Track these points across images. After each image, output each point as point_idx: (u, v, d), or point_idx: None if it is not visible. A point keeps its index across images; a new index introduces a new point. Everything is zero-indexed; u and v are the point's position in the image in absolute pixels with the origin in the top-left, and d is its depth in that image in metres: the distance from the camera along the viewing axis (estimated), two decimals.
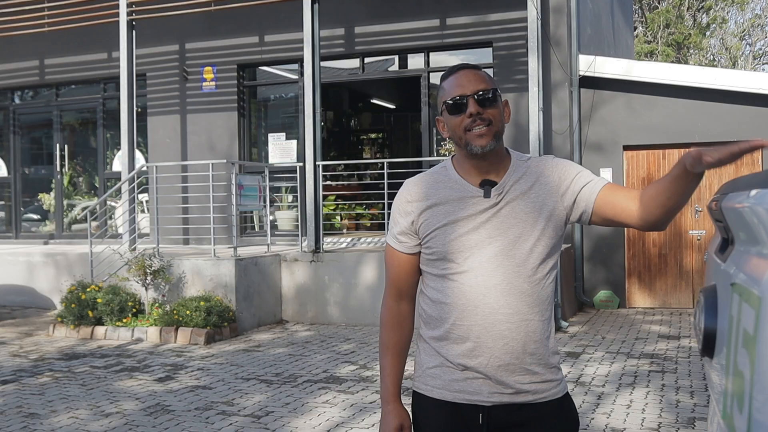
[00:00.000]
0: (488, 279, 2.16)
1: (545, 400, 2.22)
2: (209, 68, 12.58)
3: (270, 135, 12.59)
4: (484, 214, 2.19)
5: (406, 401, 2.30)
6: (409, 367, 2.88)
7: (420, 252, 2.29)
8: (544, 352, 2.21)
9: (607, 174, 10.98)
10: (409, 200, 2.29)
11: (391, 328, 2.37)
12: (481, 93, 2.18)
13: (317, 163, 10.23)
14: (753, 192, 1.56)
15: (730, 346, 1.56)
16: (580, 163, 10.89)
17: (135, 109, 11.25)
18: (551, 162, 2.28)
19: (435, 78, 11.76)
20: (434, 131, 11.54)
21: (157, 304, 9.42)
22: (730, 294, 1.61)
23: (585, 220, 2.24)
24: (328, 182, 13.17)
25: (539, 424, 2.21)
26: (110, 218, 12.56)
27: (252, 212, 12.05)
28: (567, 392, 2.30)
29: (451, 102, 2.19)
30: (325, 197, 11.34)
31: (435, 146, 11.71)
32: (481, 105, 2.17)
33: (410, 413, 2.35)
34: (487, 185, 2.21)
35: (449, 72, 2.27)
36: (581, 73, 10.85)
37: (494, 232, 2.18)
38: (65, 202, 13.89)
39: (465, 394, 2.20)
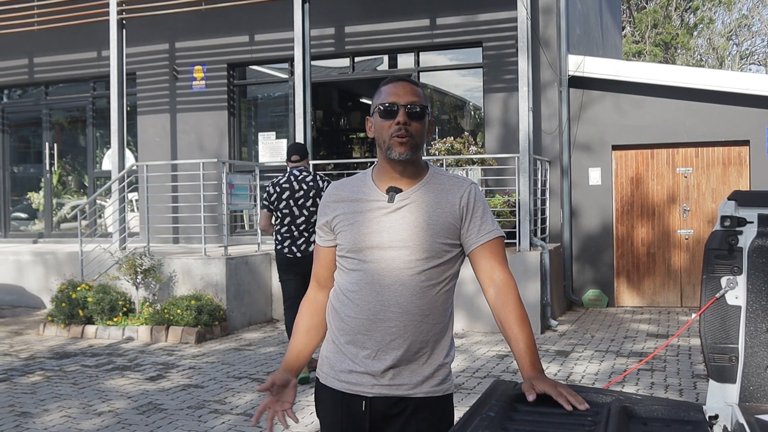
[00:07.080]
0: (383, 278, 2.35)
1: (424, 396, 2.38)
2: (199, 67, 12.58)
3: (260, 134, 12.60)
4: (386, 218, 2.39)
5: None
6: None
7: (336, 246, 2.50)
8: (431, 354, 2.40)
9: (596, 173, 11.05)
10: (328, 201, 2.53)
11: (303, 315, 2.58)
12: (411, 106, 2.37)
13: None
14: None
15: None
16: (569, 163, 10.96)
17: (125, 107, 11.24)
18: (467, 189, 2.46)
19: (425, 78, 11.80)
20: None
21: (147, 303, 9.42)
22: None
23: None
24: None
25: (414, 417, 2.37)
26: (100, 217, 12.54)
27: (242, 211, 12.06)
28: (450, 393, 2.46)
29: (383, 107, 2.38)
30: None
31: (425, 145, 11.72)
32: (409, 116, 2.37)
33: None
34: (392, 191, 2.41)
35: (390, 80, 2.46)
36: (570, 73, 10.90)
37: (394, 236, 2.36)
38: (54, 201, 13.87)
39: (350, 385, 2.40)
